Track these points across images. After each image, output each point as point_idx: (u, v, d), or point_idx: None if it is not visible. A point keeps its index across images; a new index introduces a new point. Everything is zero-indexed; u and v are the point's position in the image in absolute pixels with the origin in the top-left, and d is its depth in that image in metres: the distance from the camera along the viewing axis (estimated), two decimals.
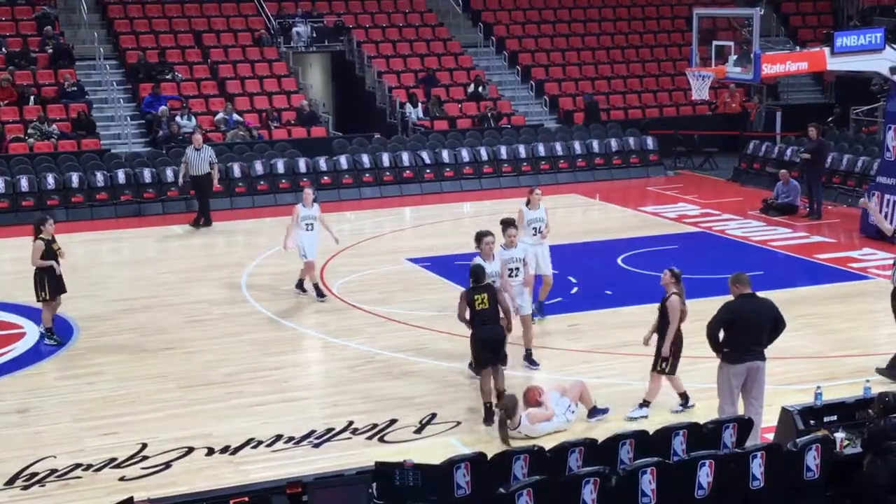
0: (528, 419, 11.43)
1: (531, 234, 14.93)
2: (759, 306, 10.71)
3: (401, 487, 8.15)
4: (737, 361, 10.66)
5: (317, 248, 17.14)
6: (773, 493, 8.62)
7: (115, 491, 10.14)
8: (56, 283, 14.99)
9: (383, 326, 15.66)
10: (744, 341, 10.66)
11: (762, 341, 10.69)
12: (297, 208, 17.04)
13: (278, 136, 27.30)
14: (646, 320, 15.38)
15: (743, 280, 10.75)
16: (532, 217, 15.04)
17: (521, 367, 13.58)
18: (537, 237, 15.00)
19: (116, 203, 24.38)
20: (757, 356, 10.66)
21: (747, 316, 10.64)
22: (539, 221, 15.06)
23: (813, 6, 36.35)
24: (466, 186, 26.46)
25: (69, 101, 26.85)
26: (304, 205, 16.99)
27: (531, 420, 11.44)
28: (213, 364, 14.11)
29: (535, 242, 14.96)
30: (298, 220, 16.88)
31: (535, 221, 15.04)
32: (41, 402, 12.90)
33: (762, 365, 10.70)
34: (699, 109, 30.98)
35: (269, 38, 30.58)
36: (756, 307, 10.69)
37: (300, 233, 16.86)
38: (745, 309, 10.66)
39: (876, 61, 20.31)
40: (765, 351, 10.73)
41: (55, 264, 14.83)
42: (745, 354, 10.67)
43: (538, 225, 15.04)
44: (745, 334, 10.64)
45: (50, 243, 14.94)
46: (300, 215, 16.88)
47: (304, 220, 16.89)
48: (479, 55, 32.26)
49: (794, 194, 23.19)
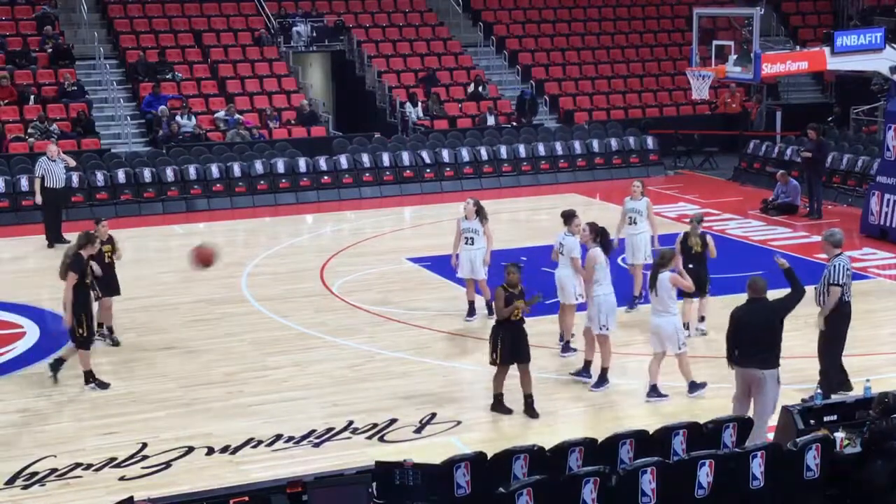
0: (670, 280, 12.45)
1: (628, 223, 15.98)
2: (755, 314, 10.65)
3: (401, 487, 8.16)
4: (735, 363, 10.77)
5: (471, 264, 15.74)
6: (773, 493, 8.62)
7: (115, 491, 10.14)
8: (105, 284, 14.40)
9: (383, 326, 15.66)
10: (740, 345, 10.69)
11: (759, 349, 10.56)
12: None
13: (278, 136, 27.30)
14: (646, 320, 15.43)
15: (753, 285, 10.75)
16: (629, 207, 16.05)
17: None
18: (632, 227, 15.94)
19: (116, 203, 24.38)
20: (756, 364, 10.54)
21: (744, 321, 10.67)
22: (634, 212, 15.97)
23: (813, 6, 36.35)
24: (466, 186, 26.44)
25: (69, 101, 26.85)
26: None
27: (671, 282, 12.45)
28: (214, 364, 14.12)
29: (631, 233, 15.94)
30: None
31: (631, 212, 16.02)
32: (41, 402, 12.90)
33: (761, 374, 10.48)
34: (699, 109, 30.97)
35: (269, 38, 30.58)
36: (753, 314, 10.65)
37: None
38: (744, 315, 10.71)
39: (876, 61, 20.33)
40: (774, 359, 10.58)
41: (95, 266, 13.89)
42: (741, 359, 10.69)
43: (633, 216, 15.97)
44: (741, 339, 10.68)
45: (102, 244, 14.33)
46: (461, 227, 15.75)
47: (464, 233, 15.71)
48: (479, 55, 32.25)
49: (795, 194, 23.20)
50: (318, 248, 20.77)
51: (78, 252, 13.13)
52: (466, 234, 15.48)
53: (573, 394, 13.07)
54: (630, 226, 16.00)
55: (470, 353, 14.33)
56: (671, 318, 12.45)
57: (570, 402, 12.84)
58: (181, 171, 24.97)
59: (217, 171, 25.15)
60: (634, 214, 15.99)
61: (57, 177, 20.95)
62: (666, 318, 12.42)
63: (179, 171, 24.96)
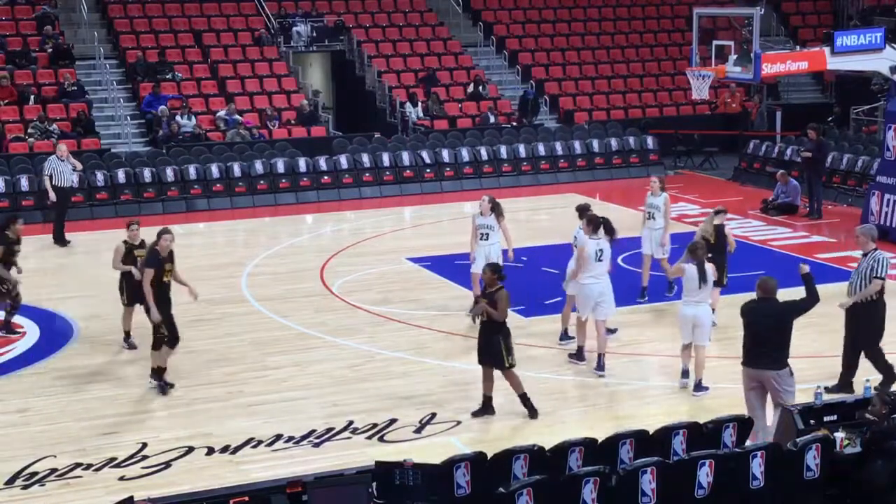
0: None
1: (647, 217, 16.35)
2: (765, 313, 10.66)
3: (401, 487, 8.16)
4: (744, 363, 10.78)
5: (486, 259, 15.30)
6: (773, 493, 8.62)
7: (115, 490, 10.14)
8: (134, 290, 14.14)
9: (383, 326, 15.66)
10: (749, 345, 10.71)
11: (769, 349, 10.59)
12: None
13: (278, 136, 27.30)
14: (646, 320, 15.45)
15: (763, 285, 10.78)
16: (648, 202, 16.46)
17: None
18: (650, 221, 16.29)
19: (116, 202, 24.38)
20: (765, 364, 10.57)
21: (750, 321, 10.70)
22: (652, 208, 16.34)
23: (813, 6, 36.35)
24: (466, 186, 26.44)
25: (69, 101, 26.84)
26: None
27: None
28: (214, 364, 14.12)
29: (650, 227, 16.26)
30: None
31: (649, 207, 16.41)
32: (41, 402, 12.91)
33: (772, 375, 10.54)
34: (699, 109, 30.97)
35: (269, 38, 30.58)
36: (762, 314, 10.66)
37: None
38: (752, 314, 10.71)
39: (876, 61, 20.32)
40: (784, 358, 10.62)
41: (134, 270, 14.02)
42: (747, 358, 10.72)
43: (651, 210, 16.36)
44: (749, 339, 10.71)
45: (133, 248, 14.34)
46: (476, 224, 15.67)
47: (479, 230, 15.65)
48: (479, 55, 32.25)
49: (795, 194, 23.20)
50: (318, 248, 20.77)
51: (154, 248, 12.99)
52: (482, 231, 15.61)
53: (573, 394, 13.08)
54: (648, 220, 16.36)
55: (470, 353, 14.27)
56: (707, 308, 12.76)
57: (570, 402, 12.84)
58: (181, 171, 24.97)
59: (217, 171, 25.15)
60: (653, 210, 16.36)
61: (64, 176, 21.11)
62: (703, 308, 12.68)
63: (179, 171, 24.96)
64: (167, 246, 12.99)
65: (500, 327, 11.88)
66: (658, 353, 14.37)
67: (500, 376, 12.07)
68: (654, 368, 13.95)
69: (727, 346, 13.52)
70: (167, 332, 12.95)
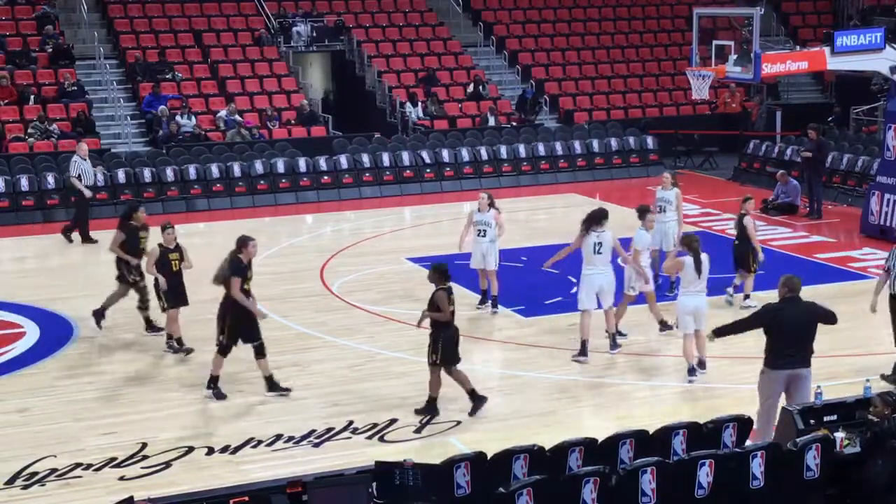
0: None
1: (658, 211, 16.58)
2: (798, 311, 10.52)
3: (401, 487, 8.15)
4: (776, 367, 10.45)
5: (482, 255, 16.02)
6: (773, 493, 8.62)
7: (115, 490, 10.13)
8: (173, 294, 14.21)
9: (383, 326, 15.66)
10: (782, 347, 10.44)
11: (803, 347, 10.48)
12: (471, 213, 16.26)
13: (278, 136, 27.30)
14: (646, 320, 15.44)
15: (788, 283, 10.60)
16: (659, 196, 16.97)
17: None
18: (661, 215, 16.59)
19: (116, 202, 24.33)
20: (798, 363, 10.43)
21: (784, 321, 10.45)
22: (664, 201, 16.85)
23: (813, 6, 36.35)
24: (466, 186, 26.42)
25: (69, 101, 26.84)
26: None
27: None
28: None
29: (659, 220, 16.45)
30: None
31: (661, 201, 16.89)
32: (41, 402, 12.90)
33: (805, 373, 10.45)
34: (699, 109, 30.98)
35: (269, 38, 30.58)
36: (796, 312, 10.50)
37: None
38: (783, 314, 10.50)
39: (876, 61, 20.31)
40: (810, 357, 10.53)
41: (161, 279, 14.02)
42: (784, 360, 10.42)
43: (663, 204, 16.83)
44: (781, 340, 10.44)
45: (168, 252, 14.29)
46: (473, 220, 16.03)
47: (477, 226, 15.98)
48: (479, 55, 32.25)
49: (795, 194, 23.19)
50: (318, 248, 20.76)
51: (237, 256, 12.82)
52: (479, 227, 15.81)
53: (573, 394, 13.07)
54: (660, 213, 16.59)
55: (469, 354, 14.31)
56: (705, 298, 13.22)
57: (570, 402, 12.84)
58: (181, 171, 24.97)
59: (217, 171, 25.15)
60: (664, 203, 16.83)
61: (91, 175, 21.47)
62: (702, 298, 13.11)
63: (179, 171, 24.96)
64: (252, 253, 12.86)
65: (445, 326, 12.02)
66: (659, 353, 14.37)
67: (504, 378, 12.09)
68: (654, 368, 13.94)
69: (727, 345, 13.50)
70: (226, 339, 12.85)
